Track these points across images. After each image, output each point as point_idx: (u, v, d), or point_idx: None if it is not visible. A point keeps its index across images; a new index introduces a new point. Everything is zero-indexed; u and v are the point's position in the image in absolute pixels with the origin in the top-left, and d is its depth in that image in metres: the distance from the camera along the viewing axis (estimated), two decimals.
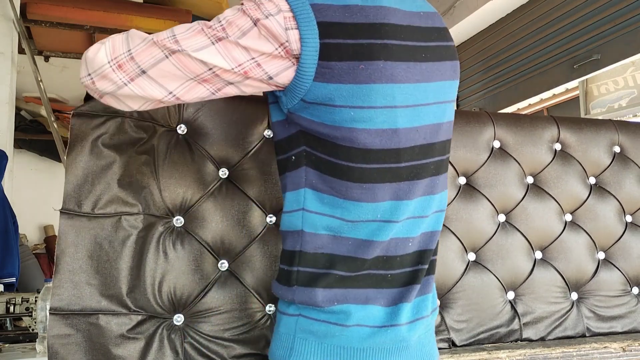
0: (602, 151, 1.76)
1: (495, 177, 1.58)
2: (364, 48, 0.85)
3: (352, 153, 0.87)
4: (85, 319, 1.13)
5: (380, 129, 0.87)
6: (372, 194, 0.89)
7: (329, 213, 0.90)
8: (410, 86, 0.89)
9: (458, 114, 1.64)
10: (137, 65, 0.84)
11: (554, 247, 1.59)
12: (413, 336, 0.94)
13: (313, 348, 0.90)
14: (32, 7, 3.82)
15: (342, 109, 0.85)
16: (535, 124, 1.70)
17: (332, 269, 0.90)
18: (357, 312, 0.90)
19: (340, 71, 0.84)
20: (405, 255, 0.94)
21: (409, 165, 0.91)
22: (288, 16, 0.83)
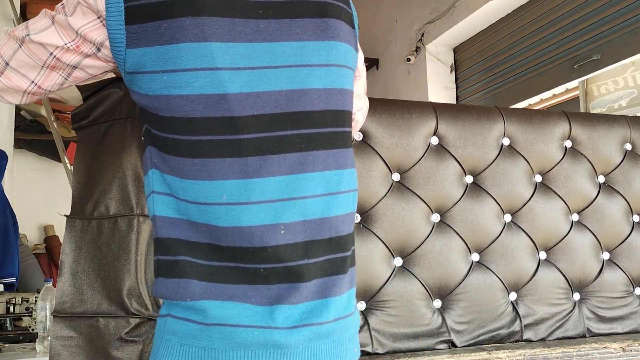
0: (614, 149, 1.72)
1: (503, 176, 1.55)
2: (166, 6, 0.79)
3: (175, 124, 0.80)
4: (86, 321, 1.13)
5: (202, 94, 0.79)
6: (208, 171, 0.79)
7: (173, 193, 0.82)
8: (239, 45, 0.80)
9: (467, 110, 1.60)
10: (1, 59, 0.87)
11: (558, 248, 1.57)
12: (298, 342, 0.80)
13: (175, 350, 0.80)
14: (32, 7, 3.82)
15: (154, 74, 0.79)
16: (547, 120, 1.65)
17: (186, 256, 0.81)
18: (218, 309, 0.79)
19: (145, 33, 0.79)
20: (280, 245, 0.80)
21: (255, 137, 0.80)
22: None
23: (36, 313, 2.14)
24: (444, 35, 3.91)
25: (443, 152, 1.51)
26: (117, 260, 1.15)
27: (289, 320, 0.80)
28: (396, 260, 1.41)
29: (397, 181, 1.46)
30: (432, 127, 1.52)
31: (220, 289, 0.80)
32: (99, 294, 1.14)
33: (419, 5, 4.15)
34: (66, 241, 1.17)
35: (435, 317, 1.41)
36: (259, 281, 0.80)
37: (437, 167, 1.49)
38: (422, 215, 1.45)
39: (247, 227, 0.79)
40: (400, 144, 1.46)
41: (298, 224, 0.82)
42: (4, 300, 2.34)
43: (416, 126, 1.49)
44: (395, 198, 1.43)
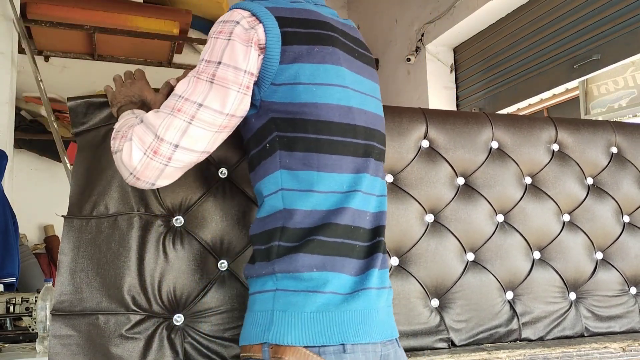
0: (600, 152, 1.76)
1: (493, 178, 1.58)
2: (316, 35, 1.01)
3: (319, 126, 0.99)
4: (85, 319, 1.13)
5: (337, 105, 1.01)
6: (339, 165, 1.00)
7: (305, 188, 0.98)
8: (353, 74, 1.06)
9: (456, 115, 1.65)
10: (169, 144, 0.94)
11: (552, 247, 1.60)
12: (380, 302, 1.00)
13: (293, 319, 0.93)
14: (32, 7, 3.82)
15: (306, 86, 0.98)
16: (533, 125, 1.70)
17: (312, 236, 0.96)
18: (333, 279, 0.95)
19: (300, 53, 0.99)
20: (366, 228, 1.02)
21: (363, 142, 1.04)
22: (250, 19, 0.98)
23: (36, 313, 2.14)
24: (444, 35, 3.92)
25: (434, 155, 1.54)
26: (117, 258, 1.16)
27: (375, 282, 0.99)
28: (393, 260, 1.41)
29: (391, 182, 1.48)
30: (422, 131, 1.55)
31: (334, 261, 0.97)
32: (98, 292, 1.15)
33: (419, 5, 4.15)
34: (64, 241, 1.18)
35: (434, 315, 1.41)
36: (353, 255, 0.99)
37: (429, 169, 1.52)
38: (416, 216, 1.46)
39: (354, 209, 1.00)
40: (392, 147, 1.49)
41: (372, 212, 1.04)
42: (4, 300, 2.34)
43: (407, 130, 1.52)
44: (389, 199, 1.44)
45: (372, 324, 0.97)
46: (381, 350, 0.98)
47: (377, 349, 0.97)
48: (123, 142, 0.97)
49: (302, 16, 1.02)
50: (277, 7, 1.01)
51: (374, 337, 0.96)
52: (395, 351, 1.02)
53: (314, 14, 1.04)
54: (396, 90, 4.40)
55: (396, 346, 1.03)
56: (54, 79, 4.36)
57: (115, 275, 1.15)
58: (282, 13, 1.00)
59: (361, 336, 0.94)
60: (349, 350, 0.93)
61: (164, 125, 0.94)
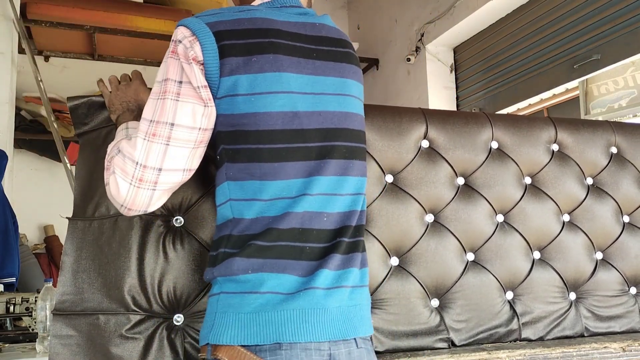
0: (599, 152, 1.76)
1: (493, 178, 1.58)
2: (255, 45, 1.01)
3: (260, 136, 0.99)
4: (86, 319, 1.13)
5: (280, 112, 1.00)
6: (285, 172, 1.00)
7: (250, 197, 1.00)
8: (304, 77, 1.05)
9: (456, 115, 1.65)
10: (152, 169, 0.97)
11: (552, 247, 1.59)
12: (332, 302, 0.98)
13: (231, 319, 0.95)
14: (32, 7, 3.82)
15: (244, 97, 0.99)
16: (533, 125, 1.70)
17: (251, 241, 0.98)
18: (271, 280, 0.96)
19: (238, 64, 0.99)
20: (322, 229, 1.02)
21: (317, 145, 1.03)
22: (190, 38, 1.01)
23: (36, 313, 2.14)
24: (444, 35, 3.92)
25: (434, 155, 1.54)
26: (117, 259, 1.16)
27: (326, 282, 0.98)
28: (392, 260, 1.41)
29: (391, 182, 1.48)
30: (422, 131, 1.55)
31: (275, 263, 0.97)
32: (99, 293, 1.15)
33: (419, 5, 4.15)
34: (68, 242, 1.18)
35: (434, 315, 1.41)
36: (303, 257, 0.99)
37: (429, 169, 1.52)
38: (416, 216, 1.46)
39: (302, 212, 1.00)
40: (392, 147, 1.49)
41: (336, 213, 1.03)
42: (4, 300, 2.35)
43: (407, 130, 1.52)
44: (389, 199, 1.45)
45: (316, 323, 0.96)
46: (329, 348, 0.96)
47: (323, 347, 0.96)
48: (108, 176, 1.00)
49: (243, 27, 1.03)
50: (218, 22, 1.02)
51: (317, 337, 0.95)
52: (349, 352, 0.99)
53: (258, 22, 1.04)
54: (396, 90, 4.40)
55: (352, 347, 1.00)
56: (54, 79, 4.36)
57: (115, 275, 1.15)
58: (222, 27, 1.01)
59: (300, 335, 0.94)
60: (286, 348, 0.93)
61: (144, 152, 0.97)
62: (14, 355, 1.98)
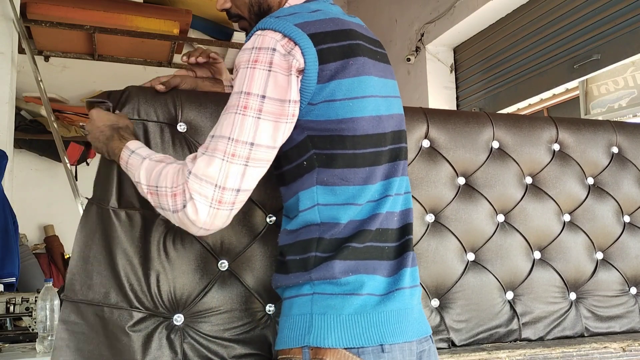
0: (600, 152, 1.76)
1: (494, 178, 1.58)
2: (347, 48, 0.99)
3: (356, 141, 0.99)
4: (92, 309, 1.14)
5: (370, 116, 1.00)
6: (374, 176, 1.01)
7: (343, 202, 0.99)
8: (380, 80, 1.05)
9: (457, 115, 1.65)
10: (231, 190, 0.93)
11: (552, 247, 1.59)
12: (414, 301, 1.03)
13: (332, 321, 0.94)
14: (32, 7, 3.82)
15: (342, 101, 0.97)
16: (534, 125, 1.70)
17: (346, 244, 0.98)
18: (368, 281, 0.97)
19: (336, 69, 0.97)
20: (394, 228, 1.04)
21: (391, 147, 1.05)
22: (284, 42, 0.95)
23: (36, 313, 2.14)
24: (444, 35, 3.91)
25: (435, 155, 1.54)
26: (124, 253, 1.16)
27: (408, 281, 1.01)
28: None
29: None
30: (423, 130, 1.55)
31: (367, 264, 0.98)
32: (107, 282, 1.15)
33: (419, 5, 4.15)
34: (80, 225, 1.18)
35: (434, 315, 1.41)
36: (384, 257, 1.01)
37: (430, 168, 1.52)
38: (416, 216, 1.46)
39: (384, 213, 1.01)
40: None
41: (400, 212, 1.06)
42: (4, 300, 2.34)
43: (408, 130, 1.50)
44: None
45: (408, 323, 0.99)
46: (417, 347, 1.00)
47: (413, 347, 0.99)
48: (181, 201, 0.94)
49: (331, 28, 0.99)
50: (305, 22, 0.97)
51: (410, 336, 0.98)
52: (429, 347, 1.04)
53: (339, 23, 1.02)
54: None
55: (430, 342, 1.05)
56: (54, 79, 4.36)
57: (121, 269, 1.15)
58: (313, 28, 0.97)
59: (398, 336, 0.96)
60: (387, 350, 0.95)
61: (223, 174, 0.92)
62: (14, 355, 1.98)
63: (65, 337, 1.13)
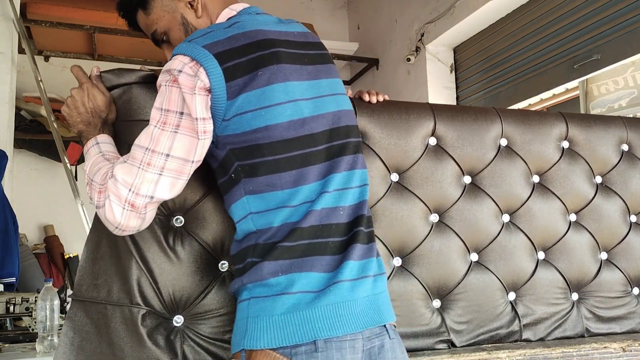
0: (611, 149, 1.73)
1: (501, 176, 1.56)
2: (257, 59, 1.03)
3: (275, 147, 1.02)
4: (97, 307, 1.15)
5: (289, 121, 1.03)
6: (304, 177, 1.03)
7: (273, 206, 1.02)
8: (304, 83, 1.08)
9: (465, 111, 1.62)
10: (144, 197, 1.00)
11: (557, 248, 1.58)
12: (359, 293, 1.01)
13: (265, 324, 0.96)
14: (32, 7, 3.82)
15: (253, 112, 1.01)
16: (544, 121, 1.67)
17: (277, 244, 1.00)
18: (300, 279, 0.98)
19: (244, 83, 1.01)
20: (341, 223, 1.05)
21: (326, 146, 1.06)
22: (191, 64, 1.00)
23: (36, 313, 2.14)
24: (444, 35, 3.91)
25: (441, 153, 1.52)
26: (125, 253, 1.16)
27: (351, 274, 1.01)
28: (395, 260, 1.41)
29: (396, 181, 1.46)
30: (430, 127, 1.52)
31: (301, 263, 0.99)
32: (111, 281, 1.16)
33: (419, 5, 4.15)
34: (94, 225, 1.21)
35: (435, 316, 1.41)
36: (327, 252, 1.02)
37: (436, 167, 1.49)
38: (420, 215, 1.45)
39: (320, 210, 1.02)
40: (399, 145, 1.47)
41: (349, 206, 1.07)
42: (4, 300, 2.34)
43: (414, 127, 1.49)
44: (394, 198, 1.43)
45: (348, 315, 0.98)
46: (362, 345, 0.98)
47: (357, 344, 0.97)
48: (102, 199, 1.02)
49: (241, 42, 1.03)
50: (214, 42, 1.02)
51: (351, 328, 0.97)
52: (382, 344, 1.01)
53: (252, 35, 1.05)
54: (396, 90, 4.40)
55: (385, 337, 1.02)
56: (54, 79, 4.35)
57: (123, 269, 1.16)
58: (220, 47, 1.01)
59: (335, 329, 0.95)
60: (321, 348, 0.94)
61: (138, 181, 1.00)
62: (14, 355, 1.98)
63: (71, 334, 1.15)
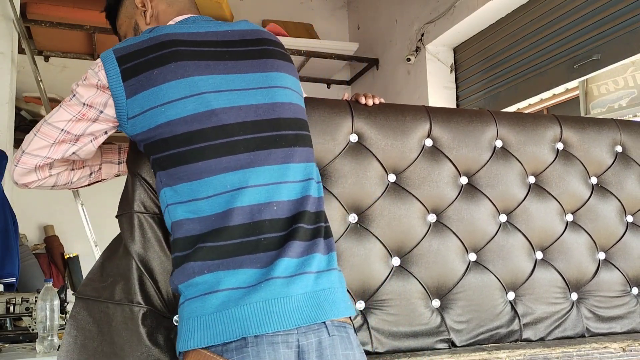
0: (604, 151, 1.75)
1: (497, 177, 1.58)
2: (155, 59, 1.07)
3: (178, 140, 1.04)
4: (99, 306, 1.15)
5: (193, 114, 1.04)
6: (212, 169, 1.02)
7: (185, 199, 1.03)
8: (218, 77, 1.09)
9: (460, 113, 1.64)
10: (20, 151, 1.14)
11: (554, 248, 1.59)
12: (296, 289, 0.98)
13: (195, 324, 0.96)
14: (32, 7, 3.82)
15: (154, 110, 1.05)
16: (538, 123, 1.69)
17: (200, 244, 0.99)
18: (228, 277, 0.97)
19: (141, 83, 1.05)
20: (275, 219, 1.02)
21: (246, 137, 1.05)
22: (99, 64, 1.10)
23: (36, 313, 2.14)
24: (444, 35, 3.91)
25: (437, 154, 1.53)
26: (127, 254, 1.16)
27: (287, 271, 0.98)
28: (394, 260, 1.41)
29: (393, 182, 1.47)
30: (426, 129, 1.54)
31: (231, 262, 0.98)
32: (115, 281, 1.16)
33: (419, 5, 4.15)
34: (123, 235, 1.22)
35: (434, 316, 1.41)
36: (260, 249, 1.00)
37: (432, 168, 1.51)
38: (418, 216, 1.46)
39: (248, 206, 1.01)
40: (395, 146, 1.48)
41: (287, 201, 1.05)
42: (4, 300, 2.34)
43: (410, 128, 1.51)
44: (391, 198, 1.44)
45: (280, 312, 0.95)
46: (297, 340, 0.95)
47: (291, 339, 0.95)
48: None
49: (145, 45, 1.09)
50: (124, 47, 1.10)
51: (284, 325, 0.94)
52: (319, 341, 0.97)
53: (160, 38, 1.10)
54: (396, 90, 4.40)
55: (323, 333, 0.98)
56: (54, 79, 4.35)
57: (125, 269, 1.16)
58: (126, 51, 1.09)
59: (266, 326, 0.93)
60: (251, 344, 0.93)
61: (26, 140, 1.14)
62: (14, 355, 1.98)
63: (74, 333, 1.15)
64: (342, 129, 1.46)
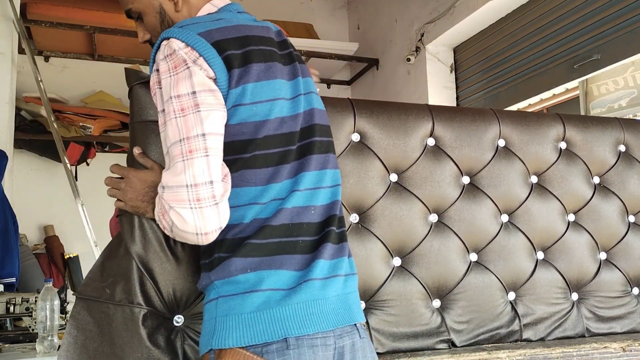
0: (608, 150, 1.74)
1: (499, 177, 1.57)
2: (249, 53, 1.03)
3: (257, 143, 1.01)
4: (100, 306, 1.15)
5: (274, 118, 1.03)
6: (279, 175, 1.02)
7: (246, 202, 1.01)
8: (285, 82, 1.08)
9: (463, 112, 1.63)
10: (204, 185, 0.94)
11: (556, 248, 1.58)
12: (330, 291, 1.00)
13: (234, 322, 0.95)
14: (32, 7, 3.82)
15: (247, 106, 1.01)
16: (541, 122, 1.68)
17: (245, 241, 0.99)
18: (269, 276, 0.97)
19: (241, 74, 1.01)
20: (311, 222, 1.04)
21: (298, 145, 1.06)
22: (187, 50, 0.99)
23: (36, 313, 2.14)
24: (444, 35, 3.91)
25: (439, 153, 1.52)
26: (127, 254, 1.16)
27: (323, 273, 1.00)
28: (395, 260, 1.41)
29: (395, 182, 1.47)
30: (429, 128, 1.53)
31: (271, 260, 0.98)
32: (115, 282, 1.16)
33: (419, 5, 4.15)
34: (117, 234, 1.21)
35: (435, 316, 1.41)
36: (297, 251, 1.01)
37: (434, 167, 1.50)
38: (419, 216, 1.45)
39: (291, 208, 1.02)
40: (397, 145, 1.47)
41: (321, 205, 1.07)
42: (4, 300, 2.34)
43: (412, 128, 1.51)
44: (393, 198, 1.44)
45: (319, 313, 0.97)
46: (334, 342, 0.98)
47: (329, 342, 0.97)
48: (167, 217, 0.96)
49: (233, 35, 1.03)
50: (209, 31, 1.01)
51: (322, 327, 0.96)
52: (352, 343, 1.01)
53: (242, 30, 1.06)
54: (396, 90, 4.40)
55: (355, 335, 1.02)
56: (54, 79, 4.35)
57: (125, 269, 1.16)
58: (216, 36, 1.01)
59: (306, 327, 0.95)
60: (293, 346, 0.93)
61: (189, 172, 0.93)
62: (14, 356, 1.98)
63: (74, 333, 1.15)
64: (344, 127, 1.46)
